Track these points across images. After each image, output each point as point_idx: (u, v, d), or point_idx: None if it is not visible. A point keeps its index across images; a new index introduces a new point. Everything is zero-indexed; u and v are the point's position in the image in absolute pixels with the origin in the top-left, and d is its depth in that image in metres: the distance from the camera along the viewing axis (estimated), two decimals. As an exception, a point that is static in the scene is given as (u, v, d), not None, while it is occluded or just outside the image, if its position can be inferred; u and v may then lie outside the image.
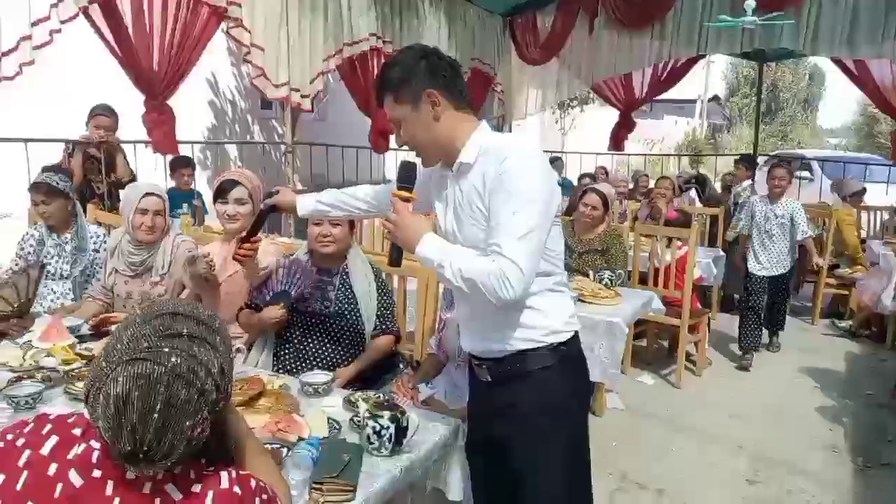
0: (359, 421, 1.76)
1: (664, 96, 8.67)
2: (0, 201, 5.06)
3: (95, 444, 1.05)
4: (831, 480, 3.20)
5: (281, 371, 2.38)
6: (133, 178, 4.50)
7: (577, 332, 1.70)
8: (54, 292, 3.09)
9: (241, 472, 1.13)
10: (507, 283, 1.45)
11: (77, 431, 1.08)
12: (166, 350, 1.00)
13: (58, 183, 3.06)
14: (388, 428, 1.64)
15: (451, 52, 6.93)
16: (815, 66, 29.02)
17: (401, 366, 2.65)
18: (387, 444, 1.64)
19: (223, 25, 4.60)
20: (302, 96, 5.23)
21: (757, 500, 3.02)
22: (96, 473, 1.02)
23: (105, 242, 3.20)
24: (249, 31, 4.69)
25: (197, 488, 1.05)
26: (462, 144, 1.60)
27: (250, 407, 1.85)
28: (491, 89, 8.04)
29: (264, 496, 1.13)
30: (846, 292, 5.84)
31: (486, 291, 1.47)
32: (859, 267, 5.83)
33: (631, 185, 7.27)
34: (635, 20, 7.09)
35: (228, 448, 1.19)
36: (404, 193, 1.65)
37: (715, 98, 28.28)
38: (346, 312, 2.45)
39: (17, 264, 3.08)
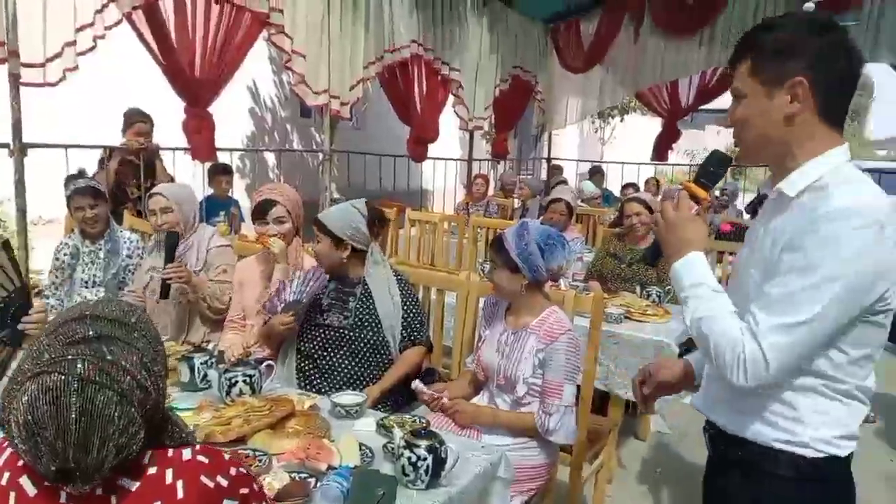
0: (393, 448, 1.64)
1: (706, 105, 8.42)
2: (42, 208, 5.10)
3: None
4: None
5: (306, 387, 2.28)
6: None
7: (843, 458, 1.26)
8: (87, 301, 3.05)
9: (207, 446, 1.06)
10: (741, 369, 1.18)
11: None
12: (70, 357, 0.92)
13: (98, 186, 3.10)
14: (425, 459, 1.51)
15: (492, 60, 6.85)
16: (863, 75, 28.12)
17: (436, 383, 2.53)
18: (423, 476, 1.52)
19: (265, 32, 4.57)
20: (342, 104, 5.18)
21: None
22: (47, 483, 0.96)
23: (139, 248, 3.19)
24: (291, 38, 4.65)
25: (153, 470, 0.98)
26: (797, 165, 1.25)
27: (279, 429, 1.75)
28: (532, 98, 7.91)
29: (241, 469, 1.06)
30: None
31: (714, 359, 1.22)
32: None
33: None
34: (683, 26, 6.88)
35: (184, 436, 1.10)
36: (697, 190, 1.38)
37: (760, 108, 27.51)
38: (367, 325, 2.34)
39: (56, 277, 3.07)
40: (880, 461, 3.52)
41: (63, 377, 0.91)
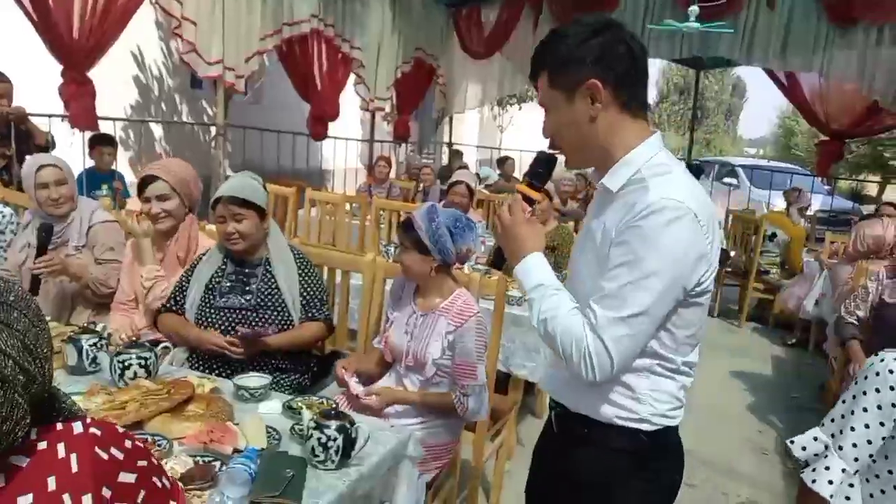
0: (301, 430, 1.61)
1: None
2: None
3: None
4: (765, 483, 3.26)
5: (206, 372, 2.17)
6: (52, 144, 4.13)
7: (675, 426, 1.38)
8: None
9: (99, 420, 1.01)
10: (589, 365, 1.22)
11: None
12: None
13: None
14: (335, 439, 1.49)
15: (394, 41, 6.80)
16: (737, 76, 30.42)
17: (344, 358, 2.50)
18: (333, 456, 1.49)
19: (152, -6, 4.29)
20: (237, 76, 4.97)
21: (693, 502, 3.03)
22: None
23: (12, 223, 2.91)
24: (181, 3, 4.39)
25: (43, 445, 0.93)
26: (615, 160, 1.29)
27: (178, 413, 1.66)
28: (434, 81, 7.92)
29: (137, 442, 1.03)
30: (771, 297, 6.04)
31: (563, 356, 1.25)
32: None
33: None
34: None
35: (74, 411, 1.05)
36: (529, 191, 1.39)
37: (645, 103, 29.07)
38: (271, 304, 2.26)
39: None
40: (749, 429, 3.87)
41: None
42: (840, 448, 1.35)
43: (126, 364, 1.81)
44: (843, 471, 1.33)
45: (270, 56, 5.69)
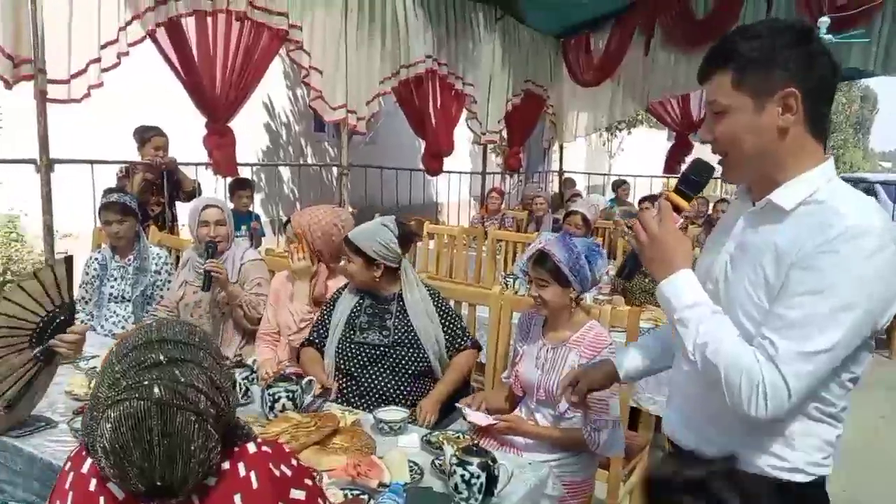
0: (441, 465, 1.64)
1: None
2: (65, 222, 5.12)
3: None
4: (936, 536, 2.93)
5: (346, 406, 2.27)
6: (197, 190, 4.52)
7: (824, 478, 1.26)
8: (116, 315, 3.05)
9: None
10: (762, 400, 1.10)
11: None
12: (146, 383, 0.95)
13: (129, 202, 3.09)
14: (478, 476, 1.50)
15: (504, 74, 6.88)
16: (867, 87, 28.24)
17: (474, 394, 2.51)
18: (476, 494, 1.51)
19: (283, 48, 4.61)
20: (358, 119, 5.20)
21: (854, 555, 2.77)
22: None
23: (167, 264, 3.19)
24: (309, 54, 4.69)
25: (226, 465, 1.03)
26: (786, 179, 1.18)
27: (326, 446, 1.73)
28: (543, 112, 7.94)
29: (301, 462, 1.13)
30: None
31: (726, 390, 1.13)
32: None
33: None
34: (694, 40, 6.90)
35: (247, 432, 1.15)
36: (679, 200, 1.29)
37: (768, 120, 27.64)
38: (406, 342, 2.34)
39: (86, 291, 3.08)
40: None
41: (143, 402, 0.94)
42: None
43: (276, 397, 1.93)
44: None
45: (386, 97, 5.94)
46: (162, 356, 0.99)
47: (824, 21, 4.99)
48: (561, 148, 9.19)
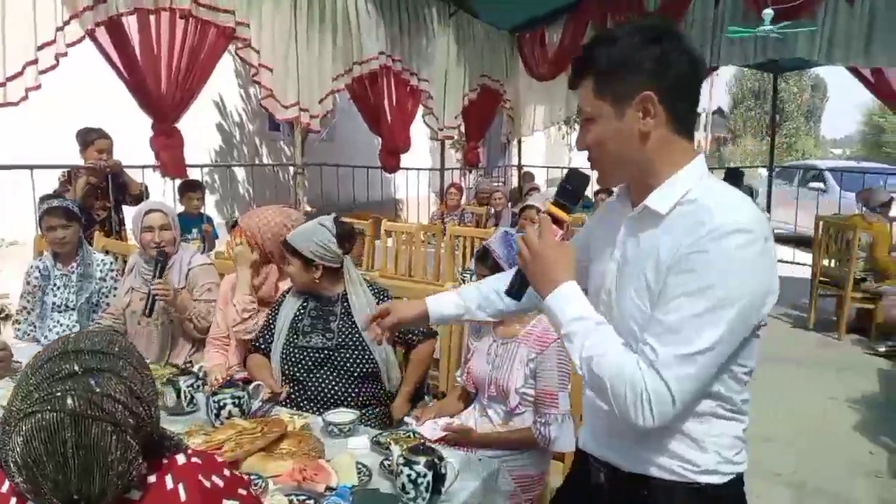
0: (390, 466, 1.62)
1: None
2: (7, 229, 4.95)
3: None
4: (881, 510, 3.03)
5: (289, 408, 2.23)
6: (145, 194, 4.42)
7: (740, 476, 1.26)
8: (60, 324, 2.96)
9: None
10: (646, 409, 1.08)
11: None
12: (59, 394, 0.92)
13: (72, 207, 3.00)
14: (425, 475, 1.49)
15: (460, 70, 6.88)
16: (817, 76, 29.04)
17: (426, 398, 2.51)
18: (424, 493, 1.50)
19: (231, 46, 4.52)
20: (311, 117, 5.14)
21: (803, 532, 2.85)
22: None
23: (112, 270, 3.11)
24: (258, 52, 4.61)
25: (153, 479, 1.01)
26: (660, 181, 1.18)
27: (271, 452, 1.71)
28: (500, 106, 7.96)
29: (234, 472, 1.10)
30: (872, 306, 5.66)
31: (613, 401, 1.11)
32: (890, 281, 5.66)
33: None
34: (645, 33, 7.01)
35: (175, 443, 1.12)
36: (559, 212, 1.27)
37: (718, 111, 28.25)
38: (351, 344, 2.30)
39: (28, 301, 2.98)
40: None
41: (55, 414, 0.91)
42: None
43: (221, 404, 1.89)
44: None
45: (341, 94, 5.88)
46: (77, 366, 0.96)
47: (768, 13, 5.12)
48: (519, 142, 9.24)
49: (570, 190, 1.29)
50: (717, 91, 26.26)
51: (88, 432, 0.91)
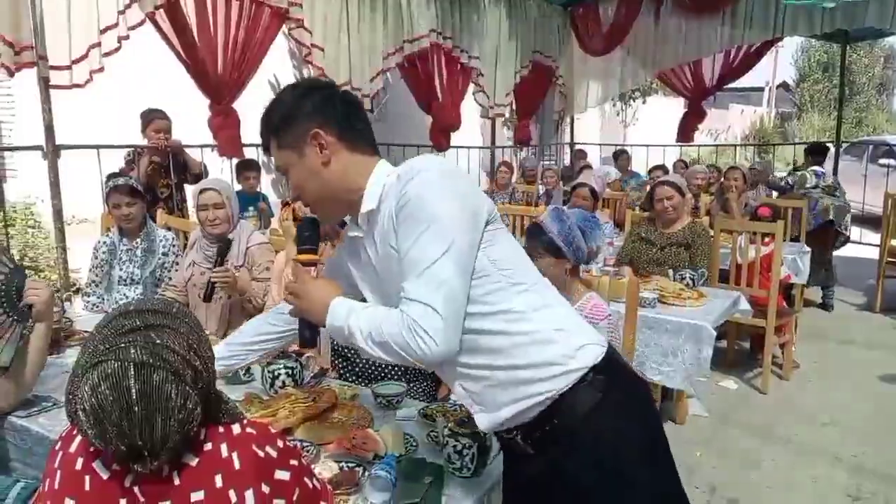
0: (436, 437, 1.66)
1: (730, 85, 8.27)
2: (76, 207, 5.19)
3: None
4: (947, 498, 2.91)
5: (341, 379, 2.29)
6: (204, 172, 4.56)
7: (601, 352, 1.34)
8: (126, 297, 3.10)
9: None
10: (419, 332, 1.16)
11: None
12: (123, 345, 0.99)
13: (136, 185, 3.12)
14: (470, 447, 1.52)
15: (511, 46, 6.80)
16: (890, 47, 27.43)
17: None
18: (469, 464, 1.52)
19: (284, 27, 4.59)
20: (363, 96, 5.18)
21: (862, 519, 2.77)
22: (116, 466, 1.03)
23: (174, 246, 3.23)
24: (310, 32, 4.67)
25: (209, 446, 1.06)
26: (362, 191, 1.35)
27: (324, 420, 1.76)
28: (553, 83, 7.83)
29: (288, 442, 1.15)
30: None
31: (398, 350, 1.19)
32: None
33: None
34: (704, 5, 6.76)
35: (233, 413, 1.16)
36: (306, 257, 1.44)
37: (783, 85, 27.08)
38: None
39: (96, 275, 3.12)
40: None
41: (119, 363, 0.98)
42: None
43: (275, 374, 1.96)
44: None
45: (392, 73, 5.90)
46: (139, 321, 1.04)
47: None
48: (572, 119, 9.08)
49: (308, 236, 1.47)
50: (780, 65, 25.11)
51: (150, 380, 0.97)
